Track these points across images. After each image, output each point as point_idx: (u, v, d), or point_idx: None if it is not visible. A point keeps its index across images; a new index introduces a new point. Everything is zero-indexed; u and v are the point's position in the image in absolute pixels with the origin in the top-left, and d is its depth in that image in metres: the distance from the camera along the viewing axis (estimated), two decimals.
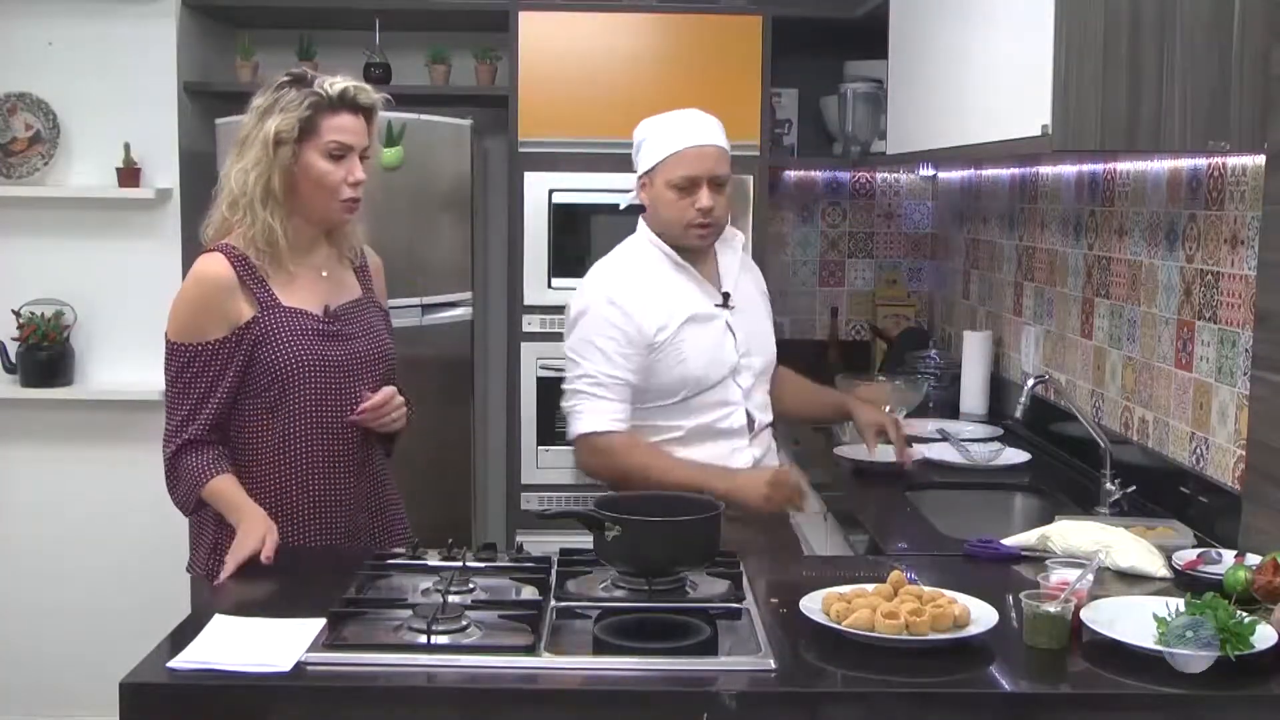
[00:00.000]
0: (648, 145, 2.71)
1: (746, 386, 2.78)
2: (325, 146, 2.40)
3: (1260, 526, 2.38)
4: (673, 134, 2.69)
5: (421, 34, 4.44)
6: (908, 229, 4.84)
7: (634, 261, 2.78)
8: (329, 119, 2.40)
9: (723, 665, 1.84)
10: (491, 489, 4.57)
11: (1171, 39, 2.36)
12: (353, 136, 2.42)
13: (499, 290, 4.40)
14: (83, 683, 3.97)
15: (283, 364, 2.39)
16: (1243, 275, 2.49)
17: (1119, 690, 1.80)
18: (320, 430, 2.44)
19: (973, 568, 2.36)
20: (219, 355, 2.39)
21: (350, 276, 2.58)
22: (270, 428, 2.42)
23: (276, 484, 2.43)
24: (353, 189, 2.43)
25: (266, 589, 2.22)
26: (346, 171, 2.41)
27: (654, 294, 2.71)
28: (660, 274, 2.75)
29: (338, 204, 2.43)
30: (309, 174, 2.40)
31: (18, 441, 4.11)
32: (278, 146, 2.37)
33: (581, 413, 2.70)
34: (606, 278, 2.77)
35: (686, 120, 2.72)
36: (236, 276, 2.39)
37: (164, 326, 2.48)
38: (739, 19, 4.11)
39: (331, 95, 2.40)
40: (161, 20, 4.04)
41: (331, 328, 2.46)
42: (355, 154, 2.43)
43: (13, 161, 4.07)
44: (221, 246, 2.42)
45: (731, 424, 2.76)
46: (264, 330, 2.39)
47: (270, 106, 2.40)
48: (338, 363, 2.45)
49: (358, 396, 2.46)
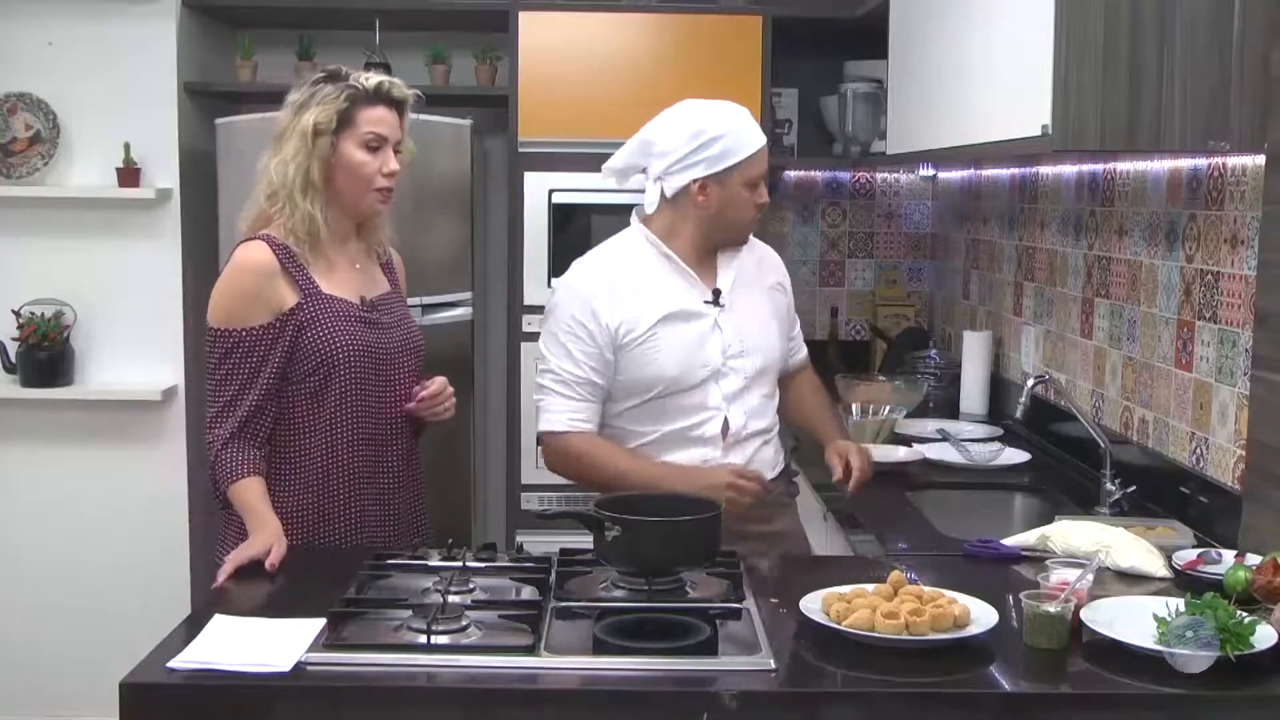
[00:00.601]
0: (724, 143, 2.54)
1: (732, 390, 2.62)
2: (362, 137, 2.46)
3: (1260, 526, 2.38)
4: (747, 132, 2.58)
5: (421, 34, 4.44)
6: (908, 229, 4.84)
7: (616, 256, 2.66)
8: (365, 111, 2.46)
9: (723, 665, 1.84)
10: (491, 489, 4.57)
11: (1171, 39, 2.36)
12: (387, 128, 2.48)
13: (499, 290, 4.40)
14: (83, 683, 3.97)
15: (328, 349, 2.43)
16: (1243, 275, 2.50)
17: (1119, 690, 1.80)
18: (366, 417, 2.48)
19: (973, 568, 2.36)
20: (262, 341, 2.41)
21: (379, 271, 2.63)
22: (316, 415, 2.46)
23: (323, 473, 2.47)
24: (386, 179, 2.49)
25: (266, 589, 2.22)
26: (381, 162, 2.48)
27: (629, 291, 2.60)
28: (644, 269, 2.63)
29: (372, 194, 2.49)
30: (345, 164, 2.46)
31: (18, 441, 4.11)
32: (317, 137, 2.43)
33: (544, 409, 2.63)
34: (581, 273, 2.66)
35: (746, 116, 2.61)
36: (279, 263, 2.43)
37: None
38: (739, 19, 4.11)
39: (368, 88, 2.47)
40: (161, 20, 4.04)
41: (371, 316, 2.51)
42: (390, 146, 2.49)
43: (13, 161, 4.07)
44: (262, 235, 2.46)
45: (704, 431, 2.61)
46: (308, 316, 2.43)
47: (306, 101, 2.46)
48: (378, 351, 2.50)
49: (397, 386, 2.52)
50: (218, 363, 2.43)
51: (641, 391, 2.60)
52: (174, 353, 4.11)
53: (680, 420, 2.61)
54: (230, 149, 3.94)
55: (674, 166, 2.57)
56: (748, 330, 2.66)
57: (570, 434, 2.60)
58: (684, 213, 2.61)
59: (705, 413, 2.62)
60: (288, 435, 2.46)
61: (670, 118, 2.62)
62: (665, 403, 2.61)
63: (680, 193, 2.59)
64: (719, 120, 2.57)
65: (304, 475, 2.47)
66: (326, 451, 2.47)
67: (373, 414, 2.50)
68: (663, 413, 2.61)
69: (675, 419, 2.61)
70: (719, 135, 2.55)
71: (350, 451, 2.48)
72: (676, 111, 2.62)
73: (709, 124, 2.56)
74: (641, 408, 2.62)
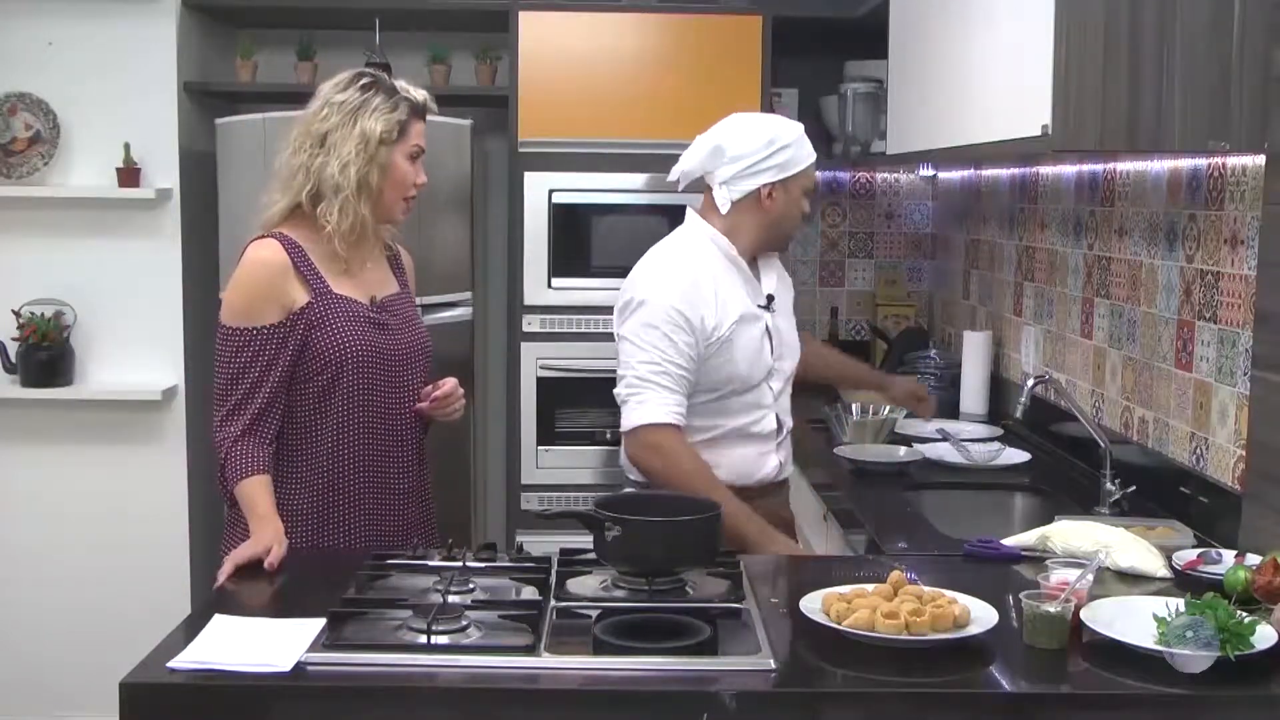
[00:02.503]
0: (790, 151, 2.72)
1: (778, 389, 2.81)
2: (410, 149, 2.54)
3: (1260, 526, 2.38)
4: (808, 144, 2.77)
5: (421, 34, 4.44)
6: (908, 229, 4.84)
7: (693, 257, 2.75)
8: (415, 124, 2.55)
9: (723, 665, 1.84)
10: (491, 489, 4.57)
11: (1171, 39, 2.36)
12: (424, 141, 2.59)
13: (499, 290, 4.40)
14: (83, 683, 3.97)
15: (337, 349, 2.45)
16: (1243, 275, 2.50)
17: (1119, 690, 1.80)
18: (373, 418, 2.50)
19: (973, 568, 2.36)
20: (273, 340, 2.43)
21: (388, 272, 2.65)
22: (323, 414, 2.47)
23: (329, 472, 2.48)
24: (417, 189, 2.58)
25: (266, 589, 2.22)
26: (417, 173, 2.56)
27: (714, 290, 2.71)
28: (718, 271, 2.74)
29: (403, 202, 2.57)
30: (392, 173, 2.52)
31: (18, 441, 4.11)
32: (380, 146, 2.48)
33: (644, 401, 2.63)
34: (670, 268, 2.74)
35: (800, 129, 2.78)
36: (290, 262, 2.45)
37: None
38: (739, 19, 4.11)
39: (418, 102, 2.56)
40: (161, 20, 4.04)
41: (380, 317, 2.53)
42: (423, 157, 2.58)
43: (13, 161, 4.07)
44: (274, 234, 2.49)
45: (763, 428, 2.77)
46: (317, 315, 2.45)
47: (361, 106, 2.49)
48: (387, 351, 2.52)
49: (405, 387, 2.54)
50: (229, 360, 2.44)
51: (712, 389, 2.72)
52: (174, 353, 4.11)
53: (741, 417, 2.76)
54: (230, 149, 3.94)
55: (745, 171, 2.72)
56: (786, 332, 2.86)
57: (674, 428, 2.64)
58: (747, 217, 2.75)
59: (760, 411, 2.78)
60: (295, 434, 2.47)
61: (742, 125, 2.76)
62: (729, 401, 2.74)
63: (747, 197, 2.73)
64: (788, 130, 2.75)
65: (310, 474, 2.48)
66: (333, 451, 2.48)
67: (380, 415, 2.51)
68: (724, 410, 2.74)
69: (736, 416, 2.75)
70: (789, 144, 2.73)
71: (357, 452, 2.49)
72: (746, 120, 2.78)
73: (780, 133, 2.74)
74: (706, 405, 2.73)
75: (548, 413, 4.09)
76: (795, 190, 2.76)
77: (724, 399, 2.72)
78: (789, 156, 2.72)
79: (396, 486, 2.56)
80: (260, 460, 2.41)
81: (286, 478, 2.47)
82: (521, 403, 4.12)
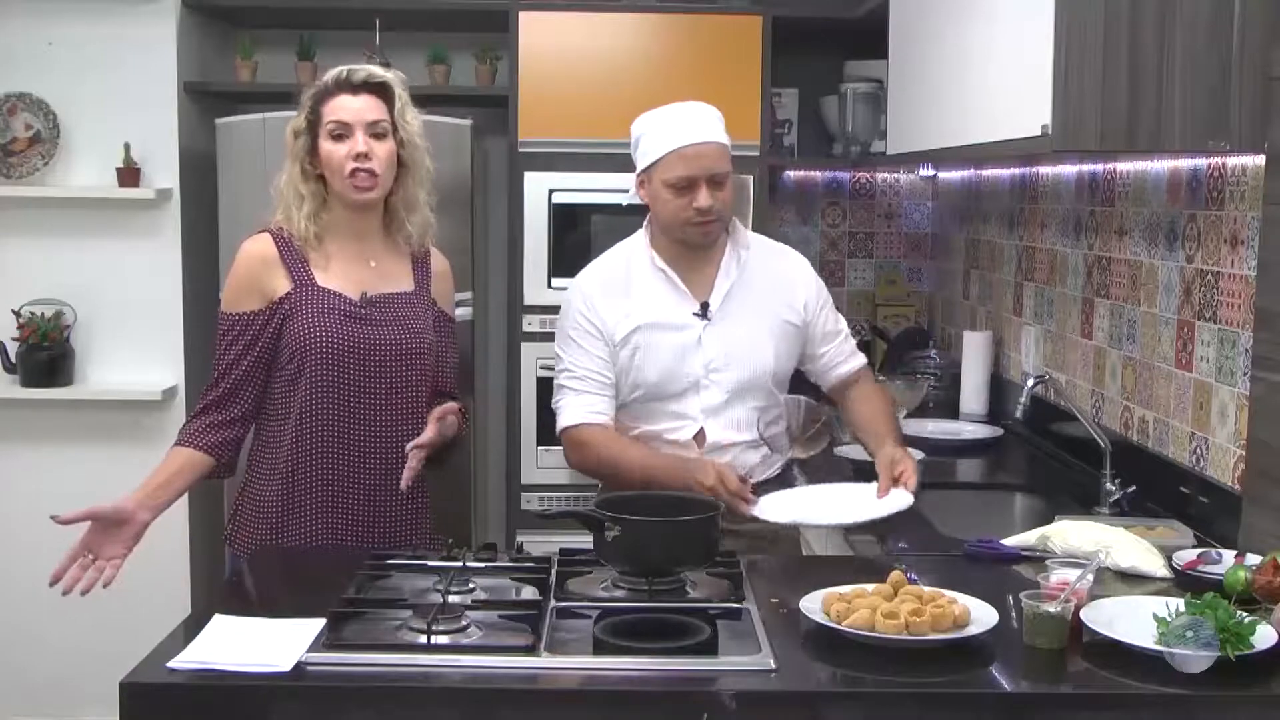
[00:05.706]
0: (645, 142, 2.63)
1: (713, 403, 2.67)
2: (327, 129, 2.51)
3: (1260, 526, 2.38)
4: (670, 131, 2.60)
5: (421, 34, 4.44)
6: (908, 229, 4.84)
7: (616, 260, 2.76)
8: (328, 103, 2.53)
9: (723, 665, 1.84)
10: (491, 489, 4.57)
11: (1171, 39, 2.36)
12: (350, 114, 2.51)
13: (499, 290, 4.40)
14: (83, 683, 3.97)
15: (304, 339, 2.47)
16: (1243, 275, 2.50)
17: (1119, 690, 1.80)
18: (344, 411, 2.49)
19: (973, 568, 2.36)
20: (251, 326, 2.49)
21: (404, 270, 2.63)
22: (289, 404, 2.50)
23: (291, 462, 2.50)
24: (356, 161, 2.48)
25: (266, 589, 2.22)
26: (348, 149, 2.49)
27: (619, 294, 2.68)
28: (636, 276, 2.70)
29: (345, 181, 2.50)
30: (323, 159, 2.52)
31: (18, 441, 4.12)
32: (294, 141, 2.52)
33: (563, 407, 2.70)
34: (584, 273, 2.78)
35: (684, 116, 2.62)
36: (278, 253, 2.50)
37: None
38: (739, 19, 4.11)
39: (328, 82, 2.54)
40: (161, 20, 4.04)
41: (362, 312, 2.52)
42: (357, 131, 2.49)
43: (13, 161, 4.07)
44: (269, 227, 2.55)
45: (679, 438, 2.68)
46: (294, 305, 2.49)
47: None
48: (361, 347, 2.50)
49: (388, 383, 2.52)
50: (216, 343, 2.54)
51: (626, 391, 2.70)
52: (174, 353, 4.11)
53: (661, 423, 2.71)
54: (230, 149, 3.94)
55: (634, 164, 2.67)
56: (734, 344, 2.69)
57: (584, 425, 2.66)
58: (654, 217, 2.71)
59: (681, 421, 2.70)
60: (265, 422, 2.55)
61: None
62: (649, 405, 2.70)
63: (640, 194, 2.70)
64: (651, 118, 2.65)
65: (277, 463, 2.51)
66: (296, 441, 2.49)
67: (351, 409, 2.50)
68: (646, 413, 2.71)
69: (656, 420, 2.71)
70: (641, 134, 2.65)
71: (322, 445, 2.49)
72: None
73: (638, 123, 2.67)
74: (628, 406, 2.72)
75: (548, 413, 4.07)
76: (655, 183, 2.62)
77: (643, 402, 2.70)
78: (645, 147, 2.63)
79: (367, 485, 2.52)
80: (200, 438, 2.49)
81: (257, 466, 2.55)
82: (521, 403, 4.11)
